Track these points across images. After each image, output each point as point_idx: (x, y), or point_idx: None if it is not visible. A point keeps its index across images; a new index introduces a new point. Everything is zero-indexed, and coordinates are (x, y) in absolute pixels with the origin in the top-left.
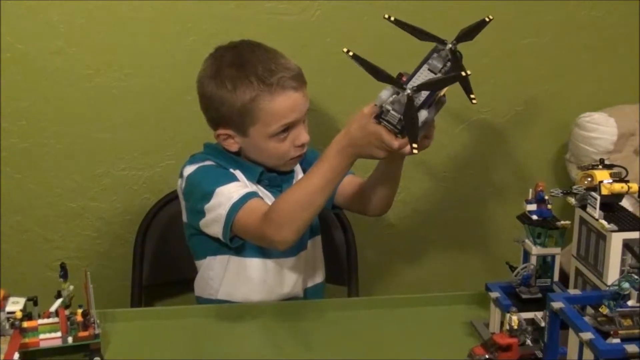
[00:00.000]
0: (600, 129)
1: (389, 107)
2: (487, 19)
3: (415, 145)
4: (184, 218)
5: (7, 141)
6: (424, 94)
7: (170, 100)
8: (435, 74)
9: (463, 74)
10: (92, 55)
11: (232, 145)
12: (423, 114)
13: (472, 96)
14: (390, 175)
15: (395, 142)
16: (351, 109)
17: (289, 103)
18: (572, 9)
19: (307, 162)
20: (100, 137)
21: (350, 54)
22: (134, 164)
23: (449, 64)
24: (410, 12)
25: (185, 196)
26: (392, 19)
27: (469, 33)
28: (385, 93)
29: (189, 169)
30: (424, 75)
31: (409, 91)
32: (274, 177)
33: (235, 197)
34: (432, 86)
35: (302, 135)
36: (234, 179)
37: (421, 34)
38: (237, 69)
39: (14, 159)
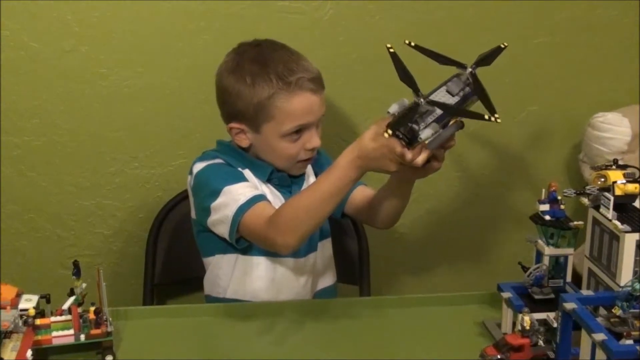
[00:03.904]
0: (614, 129)
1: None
2: (502, 46)
3: (389, 131)
4: (192, 215)
5: (20, 139)
6: (437, 113)
7: (183, 99)
8: (453, 96)
9: (487, 117)
10: (105, 54)
11: (243, 140)
12: (427, 132)
13: (496, 115)
14: (400, 193)
15: (409, 153)
16: (362, 108)
17: (305, 104)
18: (585, 8)
19: (319, 165)
20: (113, 136)
21: (391, 50)
22: (147, 162)
23: (467, 88)
24: (423, 12)
25: (193, 193)
26: (412, 44)
27: (486, 59)
28: (404, 101)
29: (198, 166)
30: (439, 97)
31: (422, 100)
32: (284, 176)
33: (242, 199)
34: (448, 109)
35: (313, 139)
36: (243, 178)
37: (441, 59)
38: (258, 66)
39: (28, 157)
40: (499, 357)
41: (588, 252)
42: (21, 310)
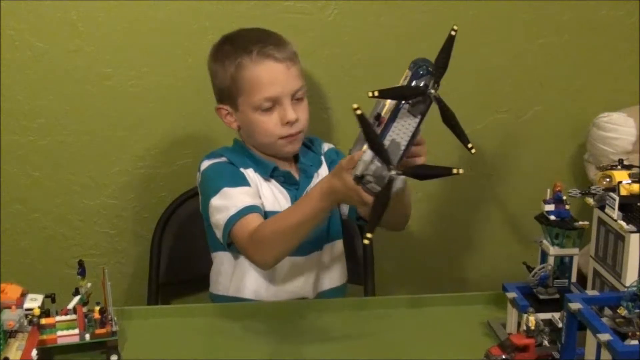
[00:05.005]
0: (619, 129)
1: (371, 180)
2: (452, 33)
3: (369, 236)
4: (201, 209)
5: (25, 139)
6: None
7: (187, 99)
8: (415, 116)
9: (454, 171)
10: (111, 53)
11: (232, 123)
12: (398, 185)
13: (471, 148)
14: (396, 205)
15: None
16: (365, 109)
17: (269, 73)
18: (590, 8)
19: (335, 164)
20: (117, 135)
21: (358, 112)
22: (151, 162)
23: (424, 105)
24: (427, 12)
25: (199, 190)
26: (376, 94)
27: (444, 63)
28: (368, 154)
29: (204, 164)
30: (403, 121)
31: (393, 172)
32: (290, 174)
33: (234, 210)
34: (422, 177)
35: (288, 112)
36: (244, 181)
37: (403, 95)
38: (230, 44)
39: (33, 157)
40: (503, 357)
41: (593, 252)
42: (26, 309)
